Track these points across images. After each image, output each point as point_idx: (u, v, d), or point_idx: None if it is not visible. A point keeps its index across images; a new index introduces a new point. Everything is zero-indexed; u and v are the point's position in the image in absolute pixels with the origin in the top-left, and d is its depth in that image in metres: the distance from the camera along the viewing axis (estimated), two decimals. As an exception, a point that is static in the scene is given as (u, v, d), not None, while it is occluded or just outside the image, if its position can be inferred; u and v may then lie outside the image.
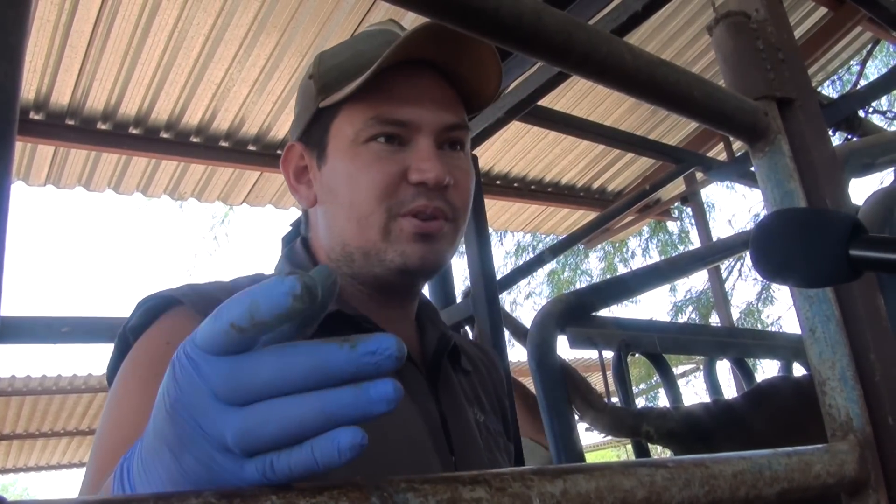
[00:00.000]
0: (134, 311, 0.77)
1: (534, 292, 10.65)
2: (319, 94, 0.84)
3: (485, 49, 0.81)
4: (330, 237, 0.85)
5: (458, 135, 0.85)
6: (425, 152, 0.80)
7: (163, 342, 0.72)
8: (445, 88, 0.85)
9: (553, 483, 0.45)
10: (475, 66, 0.83)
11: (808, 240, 0.57)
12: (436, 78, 0.84)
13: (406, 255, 0.80)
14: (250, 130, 3.17)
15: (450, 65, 0.83)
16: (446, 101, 0.84)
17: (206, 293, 0.76)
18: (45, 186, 3.18)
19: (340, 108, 0.83)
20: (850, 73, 6.94)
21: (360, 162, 0.80)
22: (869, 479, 0.71)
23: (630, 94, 0.67)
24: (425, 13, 0.51)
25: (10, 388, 5.66)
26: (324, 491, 0.37)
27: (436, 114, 0.82)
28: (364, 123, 0.80)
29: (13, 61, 0.27)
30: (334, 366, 0.36)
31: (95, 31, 2.48)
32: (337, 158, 0.83)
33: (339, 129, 0.83)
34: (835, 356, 0.76)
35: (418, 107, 0.81)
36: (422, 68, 0.83)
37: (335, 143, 0.83)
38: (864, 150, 1.58)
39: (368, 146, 0.80)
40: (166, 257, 69.11)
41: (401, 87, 0.81)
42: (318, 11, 2.64)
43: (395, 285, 0.85)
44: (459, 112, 0.85)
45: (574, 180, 4.43)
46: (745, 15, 0.90)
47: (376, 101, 0.80)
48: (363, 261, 0.82)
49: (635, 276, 1.74)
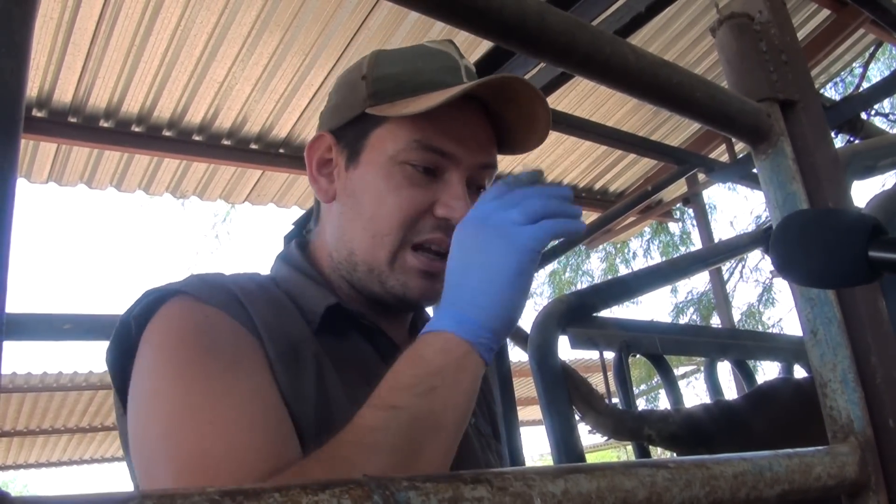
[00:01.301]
0: (139, 301, 0.75)
1: (535, 292, 10.66)
2: (369, 98, 0.84)
3: (538, 102, 0.81)
4: (339, 238, 0.85)
5: (488, 174, 0.86)
6: (456, 191, 0.81)
7: (190, 322, 0.70)
8: (487, 128, 0.86)
9: (554, 482, 0.45)
10: (524, 118, 0.84)
11: (829, 239, 0.57)
12: (481, 115, 0.85)
13: (408, 287, 0.82)
14: (252, 129, 3.17)
15: (498, 107, 0.84)
16: (487, 142, 0.85)
17: (213, 282, 0.76)
18: (48, 184, 3.19)
19: (387, 120, 0.83)
20: (853, 76, 6.94)
21: (392, 182, 0.81)
22: (869, 482, 0.71)
23: (633, 94, 0.67)
24: (430, 14, 0.51)
25: (11, 385, 5.66)
26: (326, 488, 0.37)
27: (475, 153, 0.83)
28: (407, 144, 0.81)
29: (19, 59, 0.27)
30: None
31: (98, 28, 2.48)
32: (369, 168, 0.83)
33: (379, 141, 0.83)
34: (836, 358, 0.76)
35: (460, 143, 0.82)
36: (471, 102, 0.83)
37: (371, 154, 0.83)
38: (867, 153, 1.57)
39: (404, 168, 0.81)
40: (168, 255, 69.17)
41: (449, 119, 0.81)
42: (320, 10, 2.64)
43: (391, 307, 0.86)
44: (494, 153, 0.87)
45: (576, 181, 4.43)
46: (749, 17, 0.90)
47: (424, 126, 0.80)
48: (366, 275, 0.83)
49: (636, 276, 1.74)
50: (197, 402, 0.64)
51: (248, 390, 0.66)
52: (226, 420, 0.63)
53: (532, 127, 0.85)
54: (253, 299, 0.75)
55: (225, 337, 0.70)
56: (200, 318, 0.71)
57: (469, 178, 0.84)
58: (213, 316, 0.72)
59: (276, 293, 0.81)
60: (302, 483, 0.37)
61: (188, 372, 0.66)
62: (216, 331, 0.70)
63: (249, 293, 0.76)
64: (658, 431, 1.34)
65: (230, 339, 0.70)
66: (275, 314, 0.76)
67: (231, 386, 0.66)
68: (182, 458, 0.62)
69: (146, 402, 0.67)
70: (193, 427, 0.63)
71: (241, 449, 0.62)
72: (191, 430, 0.63)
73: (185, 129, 3.06)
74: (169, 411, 0.65)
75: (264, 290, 0.80)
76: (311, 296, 0.82)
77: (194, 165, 3.33)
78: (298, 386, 0.71)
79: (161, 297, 0.75)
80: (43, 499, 0.31)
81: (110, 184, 3.33)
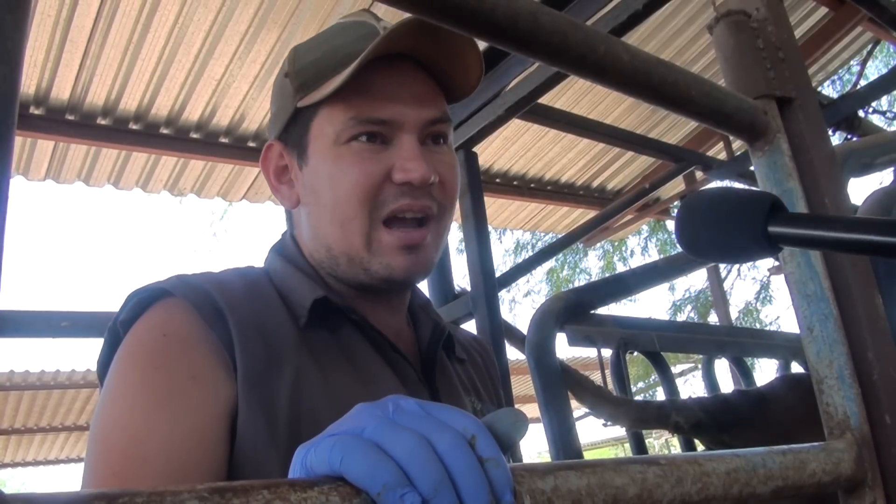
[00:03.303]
0: (124, 305, 0.75)
1: (532, 290, 10.67)
2: (297, 93, 0.82)
3: (464, 39, 0.78)
4: (314, 239, 0.84)
5: (440, 128, 0.83)
6: (409, 151, 0.78)
7: (159, 334, 0.71)
8: (425, 82, 0.82)
9: (544, 479, 0.45)
10: (455, 58, 0.81)
11: (730, 217, 0.59)
12: (415, 71, 0.82)
13: (391, 267, 0.79)
14: (250, 127, 3.17)
15: (429, 57, 0.81)
16: (427, 95, 0.82)
17: (196, 284, 0.75)
18: (45, 181, 3.18)
19: (320, 107, 0.81)
20: (850, 73, 6.94)
21: (342, 163, 0.78)
22: (866, 478, 0.71)
23: (628, 93, 0.67)
24: (421, 13, 0.51)
25: (9, 383, 5.66)
26: (314, 486, 0.37)
27: (418, 110, 0.80)
28: (344, 123, 0.78)
29: (11, 65, 0.27)
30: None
31: (96, 26, 2.47)
32: (318, 159, 0.81)
33: (319, 129, 0.81)
34: (832, 355, 0.76)
35: (399, 103, 0.79)
36: (400, 62, 0.80)
37: (316, 144, 0.81)
38: (864, 150, 1.57)
39: (350, 146, 0.78)
40: (165, 253, 69.06)
41: (380, 84, 0.79)
42: (318, 8, 2.63)
43: (381, 292, 0.84)
44: (441, 105, 0.83)
45: (573, 178, 4.43)
46: (746, 14, 0.90)
47: (356, 100, 0.78)
48: (348, 266, 0.81)
49: (634, 274, 1.74)
50: (129, 430, 0.66)
51: (184, 429, 0.67)
52: (151, 447, 0.65)
53: (464, 64, 0.82)
54: (236, 303, 0.74)
55: (183, 363, 0.70)
56: (164, 338, 0.71)
57: (424, 136, 0.81)
58: (182, 332, 0.72)
59: (264, 291, 0.80)
60: (291, 481, 0.37)
61: (137, 392, 0.68)
62: (177, 353, 0.70)
63: (233, 296, 0.75)
64: (686, 418, 1.34)
65: (188, 365, 0.70)
66: (259, 315, 0.75)
67: (168, 420, 0.67)
68: (97, 467, 0.66)
69: (97, 410, 0.70)
70: (117, 448, 0.66)
71: (153, 476, 0.64)
72: (116, 443, 0.66)
73: (183, 126, 3.06)
74: (105, 423, 0.68)
75: (253, 288, 0.79)
76: (300, 289, 0.81)
77: (192, 163, 3.33)
78: (271, 396, 0.71)
79: (145, 299, 0.75)
80: (36, 496, 0.32)
81: (108, 181, 3.33)
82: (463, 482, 0.39)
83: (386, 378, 0.80)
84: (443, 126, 0.83)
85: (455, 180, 0.84)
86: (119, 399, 0.69)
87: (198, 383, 0.69)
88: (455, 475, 0.39)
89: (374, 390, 0.77)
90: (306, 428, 0.70)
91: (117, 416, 0.67)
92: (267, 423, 0.69)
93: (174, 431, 0.66)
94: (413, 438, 0.40)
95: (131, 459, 0.64)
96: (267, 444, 0.68)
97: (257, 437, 0.69)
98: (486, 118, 2.26)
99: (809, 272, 0.78)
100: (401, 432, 0.40)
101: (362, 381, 0.78)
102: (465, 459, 0.40)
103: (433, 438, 0.40)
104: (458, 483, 0.39)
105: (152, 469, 0.64)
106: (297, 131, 0.84)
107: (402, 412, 0.44)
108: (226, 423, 0.69)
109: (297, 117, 0.83)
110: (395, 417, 0.43)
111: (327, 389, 0.74)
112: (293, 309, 0.79)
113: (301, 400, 0.72)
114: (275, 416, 0.70)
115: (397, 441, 0.40)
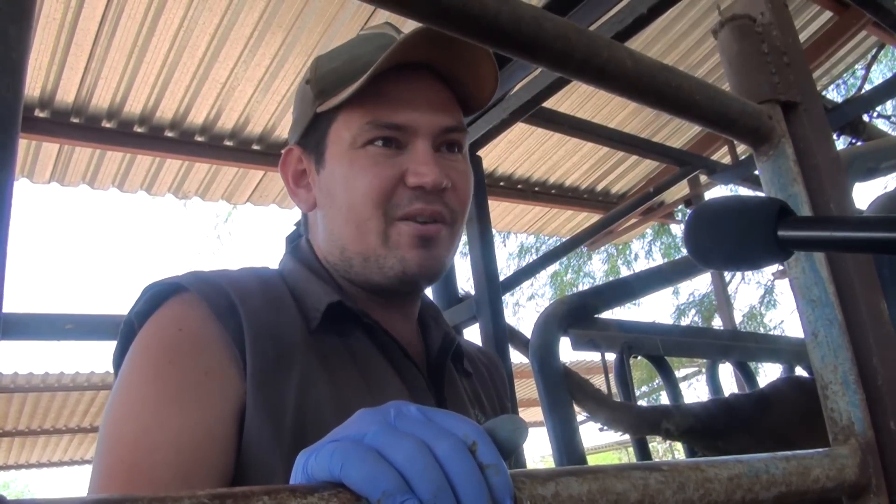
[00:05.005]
0: (139, 297, 0.77)
1: (536, 294, 10.66)
2: (317, 99, 0.85)
3: (480, 51, 0.81)
4: (329, 241, 0.85)
5: (455, 137, 0.84)
6: (423, 156, 0.80)
7: (175, 329, 0.72)
8: (441, 91, 0.84)
9: (544, 486, 0.45)
10: (471, 68, 0.83)
11: (739, 224, 0.59)
12: (432, 81, 0.84)
13: (405, 261, 0.80)
14: (255, 130, 3.17)
15: (445, 67, 0.83)
16: (443, 104, 0.84)
17: (211, 281, 0.76)
18: (50, 184, 3.19)
19: (338, 112, 0.83)
20: (855, 78, 6.92)
21: (357, 166, 0.80)
22: (870, 484, 0.71)
23: (632, 98, 0.67)
24: (425, 20, 0.51)
25: (13, 385, 5.67)
26: (314, 492, 0.37)
27: (432, 117, 0.82)
28: (361, 128, 0.80)
29: (15, 75, 0.27)
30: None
31: (101, 29, 2.48)
32: (335, 163, 0.83)
33: (336, 134, 0.83)
34: (837, 360, 0.76)
35: (414, 110, 0.81)
36: (418, 71, 0.83)
37: (333, 148, 0.83)
38: (869, 155, 1.57)
39: (366, 150, 0.80)
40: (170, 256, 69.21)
41: (397, 91, 0.81)
42: (323, 11, 2.64)
43: (394, 292, 0.85)
44: (456, 114, 0.85)
45: (578, 182, 4.43)
46: (751, 18, 0.90)
47: (373, 106, 0.80)
48: (362, 267, 0.82)
49: (638, 278, 1.74)
50: (140, 421, 0.67)
51: (194, 423, 0.67)
52: (161, 438, 0.66)
53: (480, 75, 0.84)
54: (249, 302, 0.75)
55: (196, 359, 0.71)
56: (179, 332, 0.72)
57: (438, 144, 0.83)
58: (196, 328, 0.72)
59: (278, 292, 0.81)
60: (291, 487, 0.37)
61: (150, 385, 0.69)
62: (190, 349, 0.71)
63: (247, 295, 0.76)
64: (676, 425, 1.34)
65: (201, 361, 0.71)
66: (271, 315, 0.76)
67: (179, 414, 0.67)
68: (106, 455, 0.66)
69: (110, 401, 0.71)
70: (128, 437, 0.66)
71: (161, 466, 0.65)
72: (126, 433, 0.67)
73: (188, 129, 3.06)
74: (116, 413, 0.69)
75: (266, 287, 0.80)
76: (314, 292, 0.82)
77: (196, 166, 3.34)
78: (277, 398, 0.71)
79: (161, 293, 0.76)
80: (37, 501, 0.32)
81: (112, 184, 3.33)
82: (463, 488, 0.39)
83: (393, 385, 0.80)
84: (457, 135, 0.85)
85: (468, 188, 0.86)
86: (132, 391, 0.69)
87: (210, 379, 0.70)
88: (455, 481, 0.39)
89: (381, 396, 0.77)
90: (311, 431, 0.71)
91: (129, 407, 0.68)
92: (272, 425, 0.70)
93: (185, 425, 0.67)
94: (413, 444, 0.40)
95: (140, 449, 0.65)
96: (271, 445, 0.69)
97: (262, 438, 0.69)
98: (490, 122, 2.26)
99: (814, 277, 0.78)
100: (401, 438, 0.40)
101: (369, 387, 0.78)
102: (466, 466, 0.39)
103: (433, 444, 0.40)
104: (457, 489, 0.39)
105: (161, 459, 0.65)
106: (315, 136, 0.86)
107: (403, 418, 0.44)
108: (235, 420, 0.70)
109: (316, 122, 0.86)
110: (396, 423, 0.43)
111: (334, 394, 0.74)
112: (306, 311, 0.80)
113: (307, 403, 0.72)
114: (280, 417, 0.70)
115: (397, 447, 0.40)
